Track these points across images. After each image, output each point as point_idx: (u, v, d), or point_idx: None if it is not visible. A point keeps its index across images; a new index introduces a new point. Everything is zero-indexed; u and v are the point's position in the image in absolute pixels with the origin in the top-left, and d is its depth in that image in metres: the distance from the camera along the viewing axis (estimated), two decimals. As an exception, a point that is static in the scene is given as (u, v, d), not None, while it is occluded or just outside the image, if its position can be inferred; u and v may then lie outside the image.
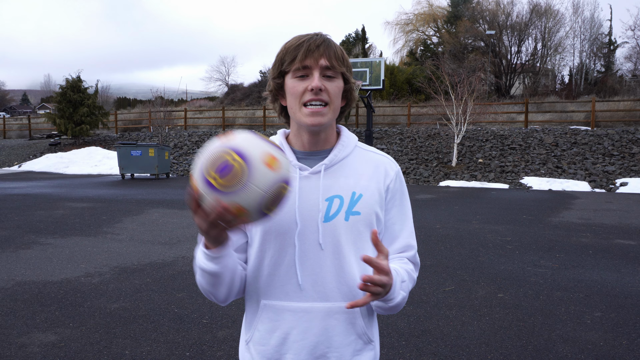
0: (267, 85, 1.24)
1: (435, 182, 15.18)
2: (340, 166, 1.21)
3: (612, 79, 30.17)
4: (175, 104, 39.13)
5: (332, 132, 1.24)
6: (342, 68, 1.16)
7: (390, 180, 1.24)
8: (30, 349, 3.29)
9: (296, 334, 1.17)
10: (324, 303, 1.17)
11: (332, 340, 1.17)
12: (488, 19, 32.33)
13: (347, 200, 1.18)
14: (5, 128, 31.92)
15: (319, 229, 1.16)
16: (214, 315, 3.89)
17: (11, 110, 66.58)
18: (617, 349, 3.28)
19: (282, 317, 1.18)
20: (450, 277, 4.92)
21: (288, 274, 1.17)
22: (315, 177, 1.19)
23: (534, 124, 20.63)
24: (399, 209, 1.26)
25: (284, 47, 1.17)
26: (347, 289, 1.17)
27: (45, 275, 5.03)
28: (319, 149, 1.22)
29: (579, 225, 7.90)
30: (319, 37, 1.16)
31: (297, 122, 1.18)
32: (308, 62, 1.13)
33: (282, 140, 1.25)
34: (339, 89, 1.17)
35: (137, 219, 8.40)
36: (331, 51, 1.14)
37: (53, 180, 16.30)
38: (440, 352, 3.24)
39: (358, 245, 1.18)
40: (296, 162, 1.20)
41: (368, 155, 1.26)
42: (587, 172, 14.59)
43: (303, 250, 1.16)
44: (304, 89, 1.14)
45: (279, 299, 1.18)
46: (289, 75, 1.16)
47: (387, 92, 27.28)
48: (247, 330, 1.25)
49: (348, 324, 1.18)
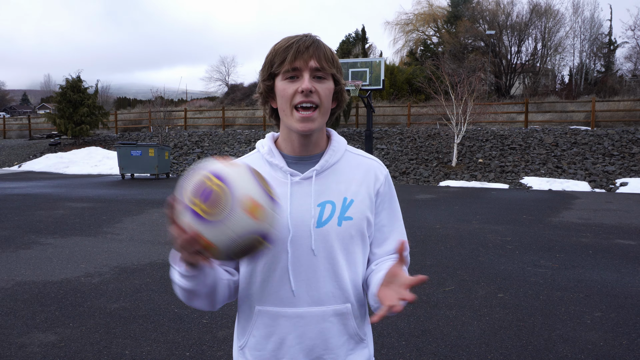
0: (257, 87, 1.23)
1: (435, 182, 15.18)
2: (331, 171, 1.21)
3: (612, 79, 30.17)
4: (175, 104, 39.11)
5: (322, 136, 1.23)
6: (332, 69, 1.15)
7: (380, 184, 1.25)
8: (30, 349, 3.29)
9: (292, 338, 1.17)
10: (318, 307, 1.17)
11: (328, 343, 1.18)
12: (488, 19, 32.33)
13: (339, 206, 1.18)
14: (5, 128, 31.92)
15: (311, 234, 1.15)
16: (214, 315, 3.89)
17: (11, 110, 66.59)
18: (617, 349, 3.28)
19: (278, 323, 1.17)
20: (450, 277, 4.92)
21: (282, 281, 1.16)
22: (306, 182, 1.19)
23: (534, 124, 20.63)
24: (389, 211, 1.27)
25: (273, 48, 1.16)
26: (340, 293, 1.18)
27: (45, 275, 5.03)
28: (310, 154, 1.22)
29: (579, 225, 7.90)
30: (309, 38, 1.15)
31: (288, 126, 1.18)
32: (298, 63, 1.12)
33: (271, 145, 1.24)
34: (330, 90, 1.16)
35: (137, 219, 8.40)
36: (321, 52, 1.13)
37: (53, 180, 16.30)
38: (440, 352, 3.24)
39: (349, 250, 1.19)
40: (287, 168, 1.20)
41: (358, 159, 1.27)
42: (587, 172, 14.59)
43: (296, 257, 1.16)
44: (294, 91, 1.13)
45: (273, 305, 1.17)
46: (279, 77, 1.15)
47: (387, 92, 27.28)
48: (242, 336, 1.24)
49: (341, 325, 1.19)
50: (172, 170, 18.98)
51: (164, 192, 12.48)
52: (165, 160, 17.35)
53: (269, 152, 1.23)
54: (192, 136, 22.72)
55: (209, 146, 21.20)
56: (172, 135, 23.28)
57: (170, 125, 25.92)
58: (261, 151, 1.25)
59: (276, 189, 1.16)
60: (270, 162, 1.22)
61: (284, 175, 1.20)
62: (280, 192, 1.15)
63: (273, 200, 0.98)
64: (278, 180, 1.19)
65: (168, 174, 17.68)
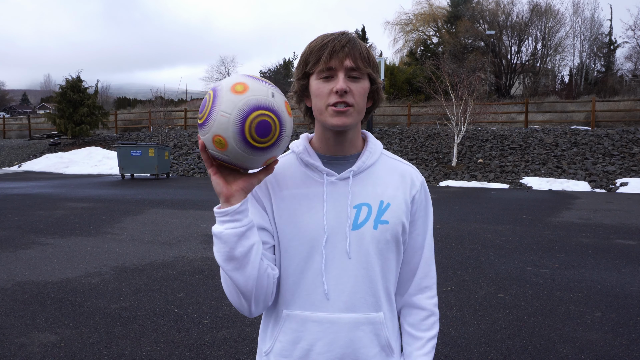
0: (291, 86, 1.20)
1: (435, 182, 15.18)
2: (367, 173, 1.18)
3: (612, 79, 30.18)
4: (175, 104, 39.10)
5: (358, 137, 1.21)
6: (367, 69, 1.12)
7: (416, 190, 1.22)
8: (30, 349, 3.28)
9: (321, 345, 1.13)
10: (351, 314, 1.13)
11: (358, 353, 1.14)
12: (488, 19, 32.33)
13: (376, 209, 1.15)
14: (5, 128, 31.91)
15: (347, 237, 1.13)
16: (214, 315, 3.89)
17: (11, 110, 66.56)
18: (617, 349, 3.28)
19: (307, 328, 1.13)
20: (450, 277, 4.92)
21: (314, 283, 1.13)
22: (342, 183, 1.16)
23: (534, 124, 20.63)
24: (423, 220, 1.24)
25: (308, 47, 1.14)
26: (374, 299, 1.15)
27: (45, 275, 5.03)
28: (345, 154, 1.19)
29: (579, 225, 7.89)
30: (344, 36, 1.12)
31: (322, 123, 1.15)
32: (333, 63, 1.09)
33: (306, 145, 1.21)
34: (365, 90, 1.14)
35: (137, 219, 8.40)
36: (356, 51, 1.10)
37: (53, 180, 16.30)
38: (440, 352, 3.24)
39: (384, 255, 1.16)
40: (323, 167, 1.16)
41: (394, 164, 1.24)
42: (587, 172, 14.58)
43: (330, 259, 1.13)
44: (329, 90, 1.10)
45: (303, 309, 1.14)
46: (314, 76, 1.13)
47: (387, 92, 27.29)
48: (267, 341, 1.20)
49: (373, 336, 1.15)
50: (172, 170, 18.97)
51: (164, 192, 12.48)
52: (165, 160, 17.35)
53: (304, 151, 1.19)
54: (192, 136, 22.72)
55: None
56: (172, 135, 23.29)
57: (170, 125, 25.92)
58: (296, 151, 1.22)
59: (312, 188, 1.15)
60: (307, 162, 1.18)
61: (320, 175, 1.16)
62: (315, 192, 1.13)
63: (260, 80, 1.01)
64: (313, 180, 1.16)
65: (168, 174, 17.67)
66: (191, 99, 48.32)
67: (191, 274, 5.06)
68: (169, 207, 9.80)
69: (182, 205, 9.96)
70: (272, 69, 39.96)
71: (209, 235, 6.97)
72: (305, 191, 1.15)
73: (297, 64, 1.17)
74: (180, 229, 7.49)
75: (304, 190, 1.15)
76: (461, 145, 17.43)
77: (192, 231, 7.28)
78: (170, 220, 8.27)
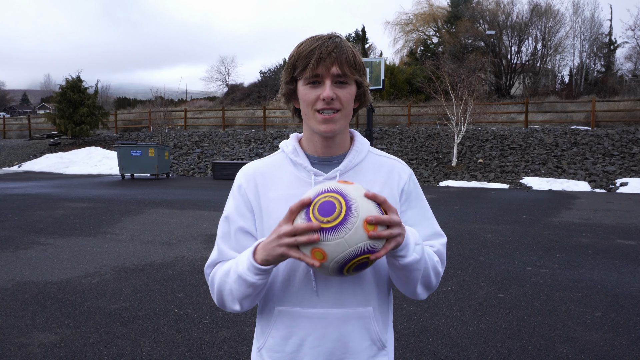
0: (280, 89, 1.23)
1: (435, 182, 15.18)
2: (354, 172, 1.21)
3: (612, 79, 30.16)
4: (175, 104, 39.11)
5: (346, 137, 1.24)
6: (354, 75, 1.14)
7: (404, 183, 1.24)
8: (30, 349, 3.29)
9: (312, 340, 1.16)
10: (340, 309, 1.16)
11: (348, 346, 1.16)
12: (488, 19, 32.32)
13: None
14: (5, 128, 31.91)
15: None
16: (214, 315, 3.89)
17: (11, 110, 66.59)
18: (617, 349, 3.28)
19: (298, 324, 1.17)
20: (450, 277, 4.92)
21: (304, 281, 1.16)
22: None
23: (534, 124, 20.63)
24: (416, 209, 1.25)
25: (296, 52, 1.15)
26: (363, 294, 1.17)
27: (45, 275, 5.03)
28: (333, 155, 1.22)
29: (579, 225, 7.90)
30: (331, 41, 1.13)
31: (310, 128, 1.18)
32: (319, 70, 1.11)
33: (295, 144, 1.24)
34: (351, 94, 1.16)
35: (137, 219, 8.40)
36: (343, 57, 1.12)
37: (53, 180, 16.30)
38: (440, 352, 3.24)
39: None
40: (310, 167, 1.20)
41: (381, 160, 1.27)
42: (587, 172, 14.59)
43: None
44: (316, 97, 1.13)
45: (294, 306, 1.17)
46: (301, 81, 1.15)
47: (387, 92, 27.28)
48: (260, 338, 1.23)
49: (363, 329, 1.18)
50: (172, 170, 18.98)
51: (164, 192, 12.48)
52: (165, 160, 17.36)
53: (294, 151, 1.23)
54: (192, 136, 22.72)
55: (209, 146, 21.21)
56: (172, 135, 23.29)
57: (170, 125, 25.92)
58: (285, 150, 1.25)
59: (300, 189, 1.17)
60: (295, 162, 1.22)
61: (308, 174, 1.20)
62: (303, 192, 1.15)
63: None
64: (302, 180, 1.20)
65: (168, 174, 17.68)
66: (191, 99, 48.34)
67: (191, 274, 5.06)
68: (169, 207, 9.80)
69: (182, 205, 9.96)
70: (272, 69, 39.94)
71: (208, 235, 6.97)
72: (293, 192, 1.18)
73: (285, 68, 1.19)
74: (180, 229, 7.49)
75: (293, 191, 1.18)
76: (461, 145, 17.43)
77: (192, 231, 7.28)
78: (170, 220, 8.27)
